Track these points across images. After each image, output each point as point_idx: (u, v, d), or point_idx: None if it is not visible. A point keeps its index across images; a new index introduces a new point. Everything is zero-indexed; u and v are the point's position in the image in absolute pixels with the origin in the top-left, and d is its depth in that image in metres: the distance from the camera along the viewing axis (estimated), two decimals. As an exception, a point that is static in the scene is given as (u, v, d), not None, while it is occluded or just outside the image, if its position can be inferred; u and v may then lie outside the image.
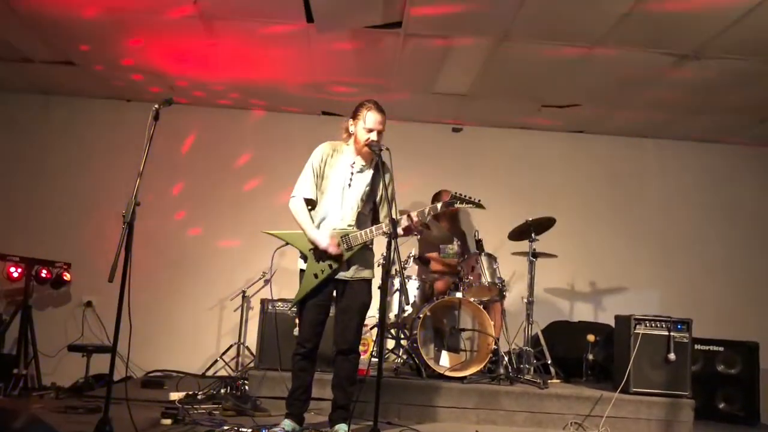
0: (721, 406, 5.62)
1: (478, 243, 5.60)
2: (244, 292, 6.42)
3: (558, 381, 5.44)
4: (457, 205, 4.00)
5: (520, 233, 5.56)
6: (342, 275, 3.87)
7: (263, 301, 5.15)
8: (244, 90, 6.49)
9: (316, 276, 3.83)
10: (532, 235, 5.44)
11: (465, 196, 3.99)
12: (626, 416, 4.71)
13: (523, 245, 5.54)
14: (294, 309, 4.23)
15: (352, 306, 3.88)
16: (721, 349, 5.73)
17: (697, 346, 5.57)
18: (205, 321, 6.63)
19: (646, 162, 7.14)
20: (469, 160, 7.00)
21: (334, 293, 3.94)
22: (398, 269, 4.88)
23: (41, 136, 6.85)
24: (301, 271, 3.92)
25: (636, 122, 6.73)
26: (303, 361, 3.89)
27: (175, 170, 6.81)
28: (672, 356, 4.89)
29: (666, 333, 4.95)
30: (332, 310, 4.04)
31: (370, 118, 3.85)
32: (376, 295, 4.15)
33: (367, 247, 3.95)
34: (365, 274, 3.94)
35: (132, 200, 3.31)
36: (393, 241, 3.59)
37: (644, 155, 7.14)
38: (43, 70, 6.18)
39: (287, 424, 3.83)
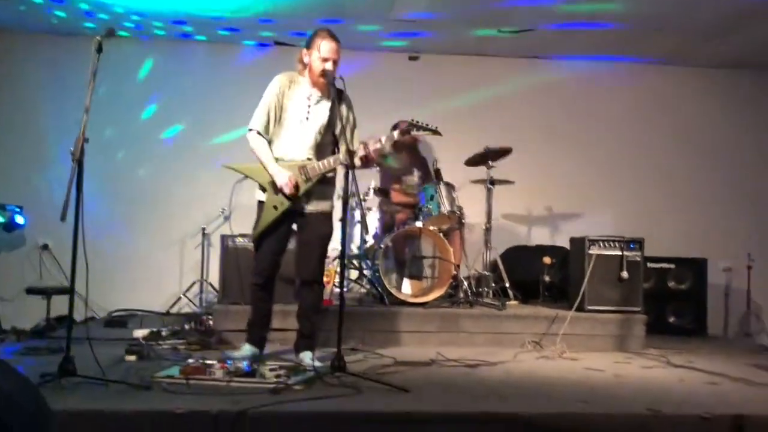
0: (672, 320, 5.89)
1: (437, 172, 5.64)
2: (203, 229, 6.38)
3: (516, 303, 5.60)
4: (414, 132, 3.95)
5: (477, 160, 5.61)
6: (301, 208, 3.87)
7: (223, 237, 5.14)
8: (195, 22, 6.26)
9: (275, 207, 3.83)
10: (489, 162, 5.49)
11: (422, 123, 3.95)
12: (581, 333, 4.90)
13: (482, 173, 5.59)
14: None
15: (312, 238, 3.90)
16: (672, 266, 5.96)
17: (649, 264, 5.79)
18: (166, 259, 6.59)
19: (599, 85, 7.17)
20: (426, 88, 6.94)
21: (294, 226, 3.96)
22: (358, 201, 4.90)
23: (-19, 75, 6.56)
24: (260, 202, 3.91)
25: (588, 45, 6.73)
26: (261, 291, 3.96)
27: (125, 104, 6.62)
28: (625, 274, 5.06)
29: (619, 253, 5.11)
30: (292, 243, 4.07)
31: (325, 46, 3.77)
32: (336, 227, 4.20)
33: (326, 180, 3.93)
34: (324, 207, 3.94)
35: (80, 137, 3.20)
36: (351, 173, 3.58)
37: (597, 78, 7.17)
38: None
39: (247, 348, 3.95)
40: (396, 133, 3.92)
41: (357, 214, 5.51)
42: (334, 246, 5.35)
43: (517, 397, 3.31)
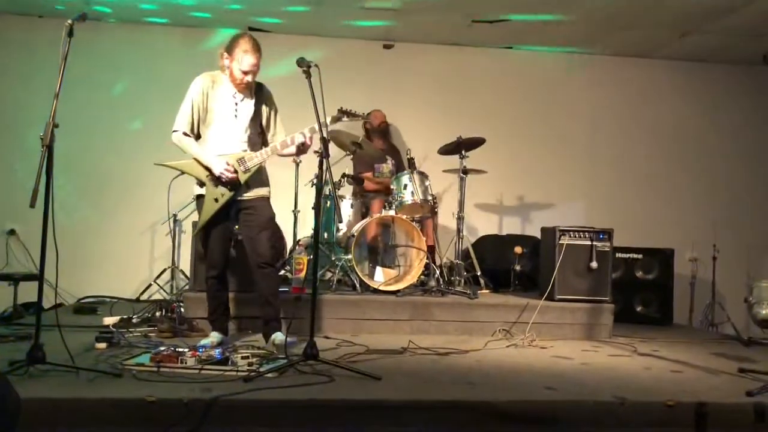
0: (639, 309, 5.98)
1: (410, 161, 5.65)
2: (174, 215, 6.31)
3: (487, 291, 5.66)
4: (345, 119, 4.10)
5: (450, 150, 5.63)
6: (241, 197, 3.94)
7: (194, 224, 5.09)
8: (173, 7, 6.18)
9: (216, 200, 3.89)
10: (462, 151, 5.53)
11: (351, 109, 4.11)
12: (551, 321, 4.96)
13: (454, 162, 5.62)
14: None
15: (258, 222, 3.97)
16: (640, 256, 6.05)
17: (618, 255, 5.86)
18: (136, 246, 6.52)
19: (574, 77, 7.24)
20: (400, 77, 6.95)
21: (236, 214, 4.01)
22: (331, 189, 4.90)
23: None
24: (198, 197, 3.99)
25: (563, 37, 6.77)
26: (217, 283, 4.09)
27: (96, 90, 6.51)
28: (594, 264, 5.13)
29: (589, 243, 5.17)
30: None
31: (246, 61, 3.84)
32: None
33: (262, 167, 4.01)
34: (263, 192, 4.04)
35: (50, 122, 3.15)
36: (325, 161, 3.58)
37: (572, 70, 7.24)
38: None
39: (215, 335, 4.07)
40: (329, 120, 3.98)
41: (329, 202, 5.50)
42: (308, 234, 5.39)
43: (486, 385, 3.35)
